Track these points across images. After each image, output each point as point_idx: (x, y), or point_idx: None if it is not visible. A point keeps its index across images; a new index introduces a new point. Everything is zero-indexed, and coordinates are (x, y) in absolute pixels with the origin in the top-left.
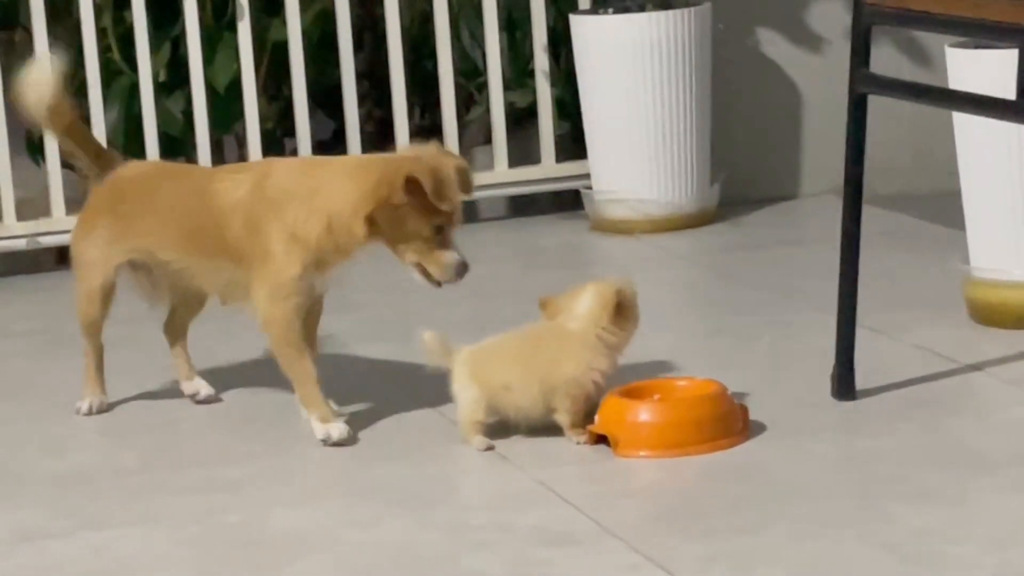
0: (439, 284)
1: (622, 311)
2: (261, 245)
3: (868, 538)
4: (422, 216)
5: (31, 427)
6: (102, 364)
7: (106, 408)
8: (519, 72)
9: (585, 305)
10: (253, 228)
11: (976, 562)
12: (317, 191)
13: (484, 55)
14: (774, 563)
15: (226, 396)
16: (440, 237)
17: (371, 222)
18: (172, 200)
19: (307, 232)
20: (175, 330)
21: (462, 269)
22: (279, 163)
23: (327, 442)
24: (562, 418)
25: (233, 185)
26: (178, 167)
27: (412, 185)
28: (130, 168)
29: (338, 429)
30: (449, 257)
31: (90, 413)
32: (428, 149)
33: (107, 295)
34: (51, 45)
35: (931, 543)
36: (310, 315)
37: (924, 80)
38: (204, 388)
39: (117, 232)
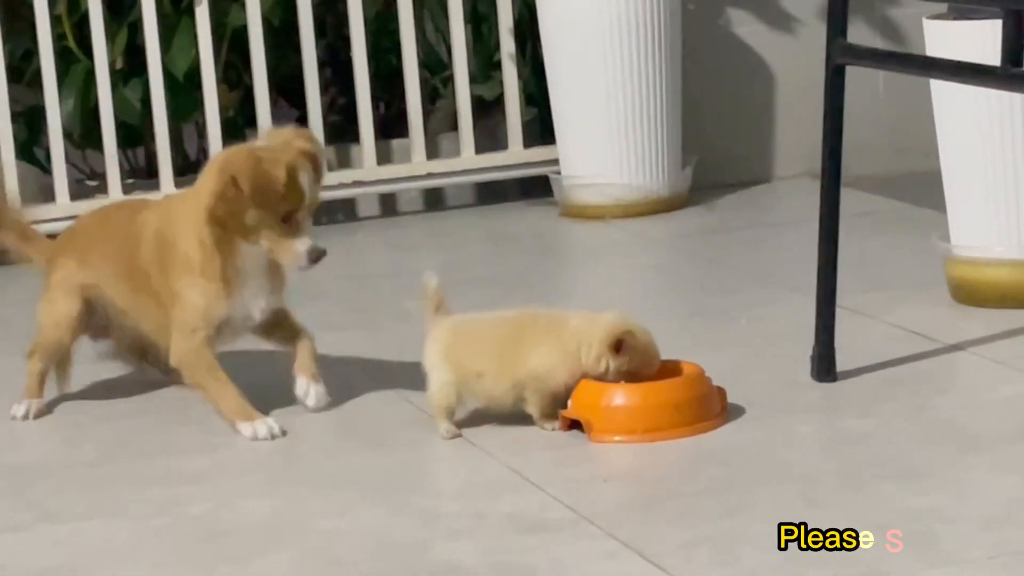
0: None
1: (623, 351)
2: (168, 286)
3: (855, 519)
4: (261, 209)
5: None
6: (45, 377)
7: (44, 411)
8: (484, 65)
9: (594, 328)
10: (162, 269)
11: (971, 541)
12: (187, 209)
13: (449, 48)
14: (758, 547)
15: (182, 387)
16: (289, 225)
17: (216, 222)
18: (112, 237)
19: (192, 255)
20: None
21: (313, 255)
22: (174, 200)
23: (255, 439)
24: (531, 409)
25: (145, 225)
26: (125, 205)
27: (236, 184)
28: (89, 212)
29: (265, 426)
30: (298, 245)
31: (27, 418)
32: (279, 135)
33: (76, 327)
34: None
35: (923, 523)
36: (284, 337)
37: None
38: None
39: (77, 268)
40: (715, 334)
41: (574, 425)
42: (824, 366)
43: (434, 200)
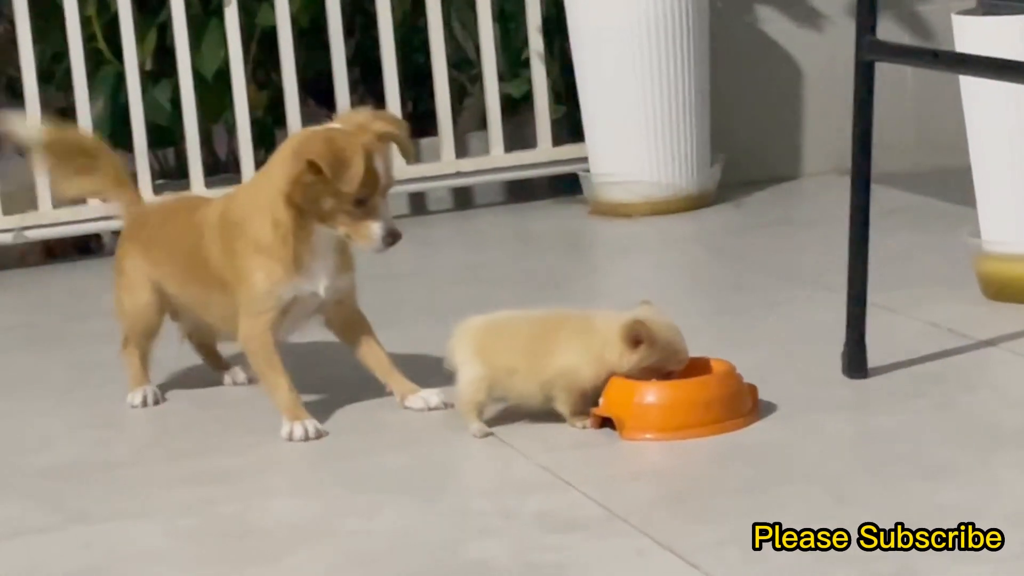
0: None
1: (641, 345)
2: (236, 267)
3: (885, 517)
4: (336, 191)
5: (21, 421)
6: (147, 362)
7: (161, 397)
8: (512, 63)
9: (615, 326)
10: (228, 253)
11: (1001, 538)
12: (258, 192)
13: (477, 47)
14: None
15: (216, 386)
16: (365, 208)
17: (293, 204)
18: (173, 233)
19: (263, 237)
20: (203, 349)
21: (390, 238)
22: (242, 186)
23: (290, 439)
24: (561, 408)
25: (209, 213)
26: (187, 199)
27: (314, 167)
28: (151, 204)
29: (302, 427)
30: (374, 228)
31: (146, 404)
32: (355, 117)
33: (158, 309)
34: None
35: (953, 520)
36: (348, 326)
37: None
38: (241, 374)
39: (144, 259)
40: (745, 331)
41: (605, 423)
42: (855, 363)
43: (463, 199)
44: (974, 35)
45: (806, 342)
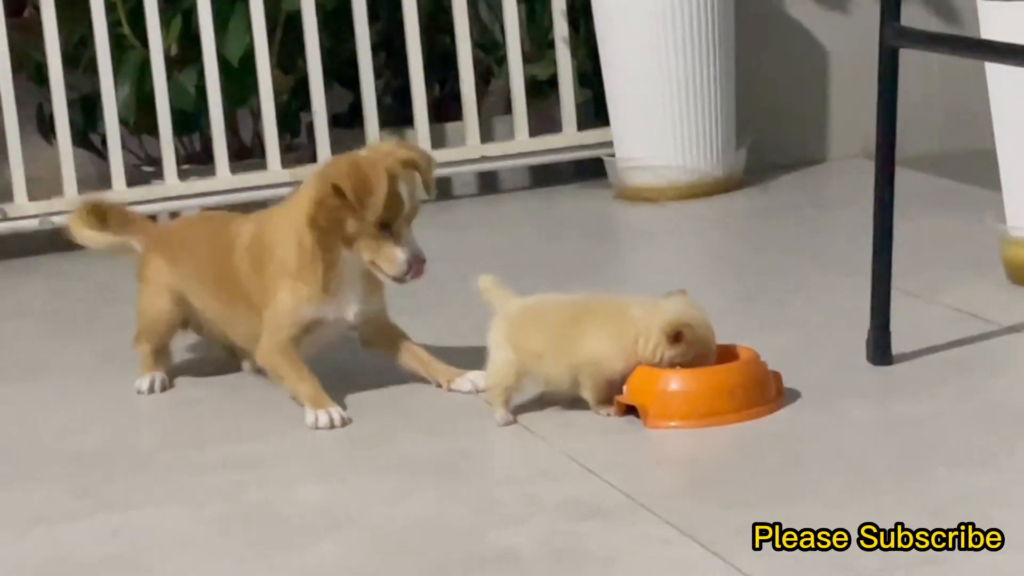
0: (399, 280)
1: (681, 343)
2: (263, 288)
3: (911, 504)
4: (360, 215)
5: (49, 407)
6: (160, 355)
7: (169, 384)
8: (538, 45)
9: (654, 318)
10: (257, 273)
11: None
12: (287, 216)
13: (502, 28)
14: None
15: (242, 373)
16: (389, 233)
17: (317, 227)
18: (201, 250)
19: (290, 260)
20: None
21: (415, 264)
22: (275, 208)
23: (315, 427)
24: (587, 395)
25: (242, 232)
26: (215, 216)
27: (338, 191)
28: (177, 222)
29: (327, 415)
30: (398, 254)
31: (152, 391)
32: (382, 146)
33: (177, 319)
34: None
35: (977, 508)
36: (384, 339)
37: None
38: None
39: (169, 273)
40: (770, 317)
41: (629, 411)
42: (880, 350)
43: (488, 183)
44: (1000, 21)
45: (831, 328)
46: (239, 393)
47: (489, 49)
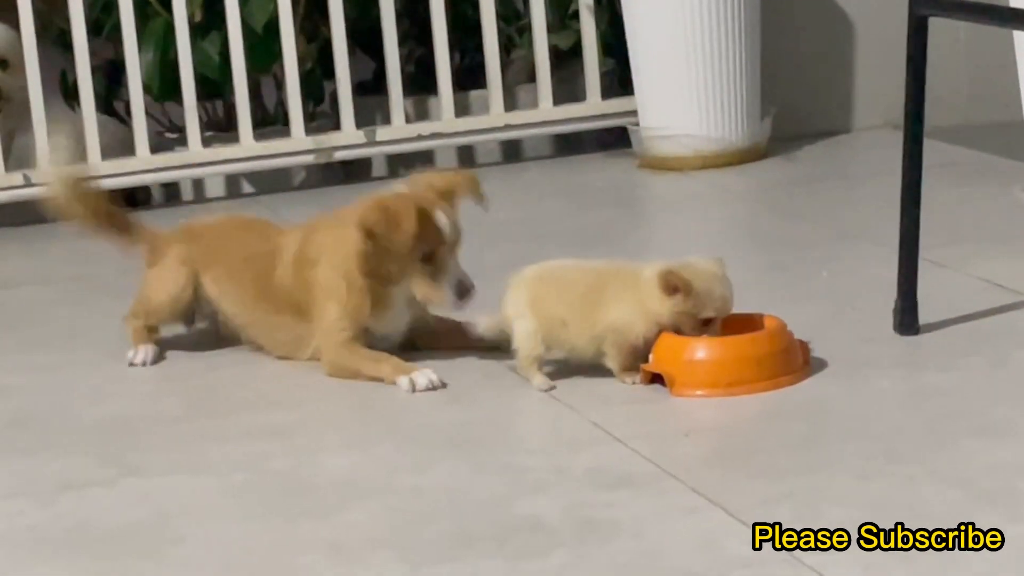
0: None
1: (678, 290)
2: (312, 299)
3: (938, 475)
4: (402, 253)
5: (74, 375)
6: (150, 329)
7: (159, 357)
8: (561, 14)
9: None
10: (304, 285)
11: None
12: (331, 244)
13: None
14: (840, 502)
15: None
16: (433, 265)
17: (365, 275)
18: (240, 256)
19: (338, 289)
20: None
21: (461, 294)
22: (319, 224)
23: (413, 391)
24: (611, 363)
25: (287, 245)
26: (253, 224)
27: (371, 234)
28: (203, 219)
29: (424, 377)
30: (444, 285)
31: (144, 364)
32: (420, 180)
33: (174, 311)
34: None
35: (1005, 479)
36: (431, 334)
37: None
38: None
39: (189, 260)
40: (796, 287)
41: (655, 379)
42: (907, 320)
43: (512, 152)
44: None
45: (858, 297)
46: (259, 361)
47: (510, 19)
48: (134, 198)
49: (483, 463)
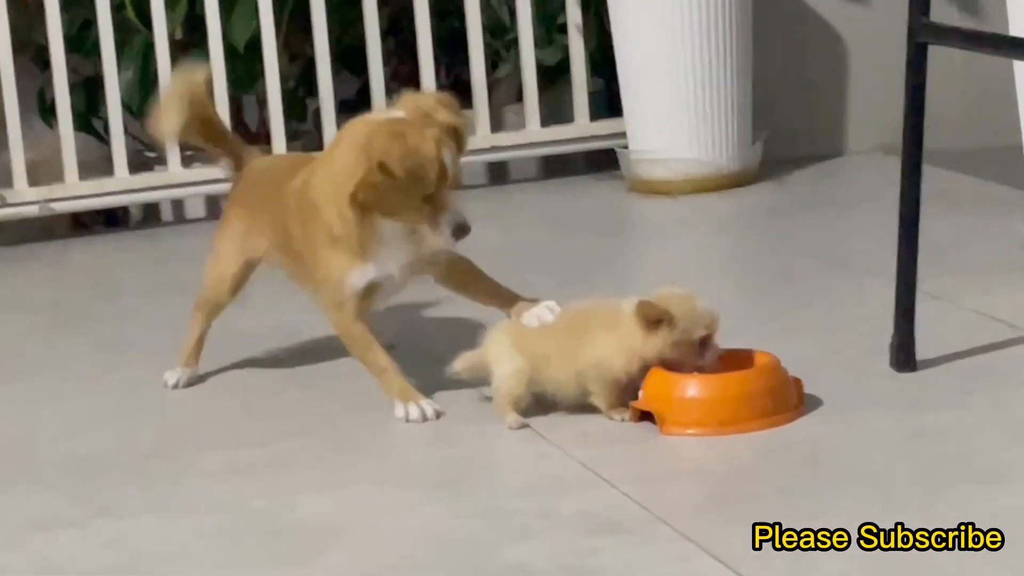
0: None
1: (661, 321)
2: (312, 252)
3: (937, 522)
4: (406, 189)
5: (45, 407)
6: (203, 341)
7: (196, 380)
8: (547, 29)
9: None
10: (305, 234)
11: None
12: (326, 179)
13: (512, 13)
14: (837, 552)
15: (245, 372)
16: (433, 203)
17: (358, 203)
18: (273, 201)
19: (330, 224)
20: None
21: (460, 231)
22: (317, 164)
23: (406, 420)
24: (597, 401)
25: (292, 187)
26: (292, 161)
27: (383, 169)
28: (264, 160)
29: (417, 408)
30: (443, 222)
31: (177, 386)
32: (419, 105)
33: (236, 285)
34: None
35: (1007, 527)
36: (454, 277)
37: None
38: None
39: (248, 226)
40: (789, 319)
41: (645, 416)
42: (904, 356)
43: (498, 173)
44: None
45: (852, 331)
46: (238, 396)
47: (496, 33)
48: (114, 217)
49: (466, 506)
